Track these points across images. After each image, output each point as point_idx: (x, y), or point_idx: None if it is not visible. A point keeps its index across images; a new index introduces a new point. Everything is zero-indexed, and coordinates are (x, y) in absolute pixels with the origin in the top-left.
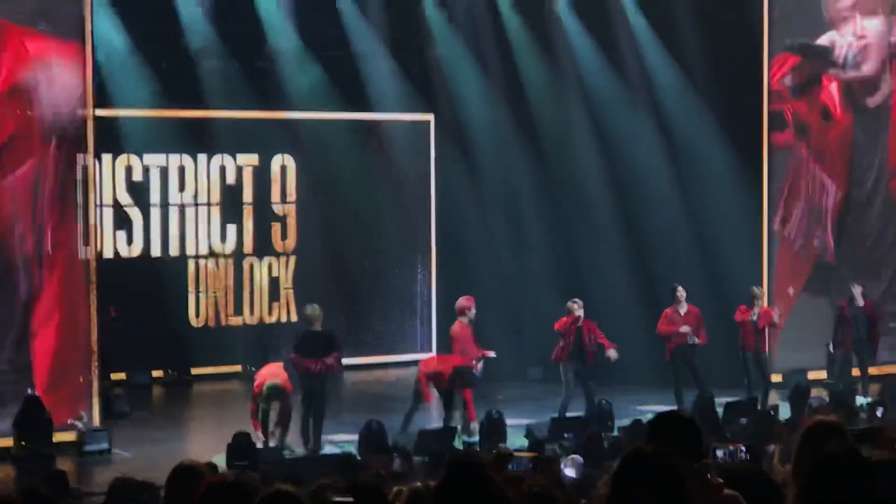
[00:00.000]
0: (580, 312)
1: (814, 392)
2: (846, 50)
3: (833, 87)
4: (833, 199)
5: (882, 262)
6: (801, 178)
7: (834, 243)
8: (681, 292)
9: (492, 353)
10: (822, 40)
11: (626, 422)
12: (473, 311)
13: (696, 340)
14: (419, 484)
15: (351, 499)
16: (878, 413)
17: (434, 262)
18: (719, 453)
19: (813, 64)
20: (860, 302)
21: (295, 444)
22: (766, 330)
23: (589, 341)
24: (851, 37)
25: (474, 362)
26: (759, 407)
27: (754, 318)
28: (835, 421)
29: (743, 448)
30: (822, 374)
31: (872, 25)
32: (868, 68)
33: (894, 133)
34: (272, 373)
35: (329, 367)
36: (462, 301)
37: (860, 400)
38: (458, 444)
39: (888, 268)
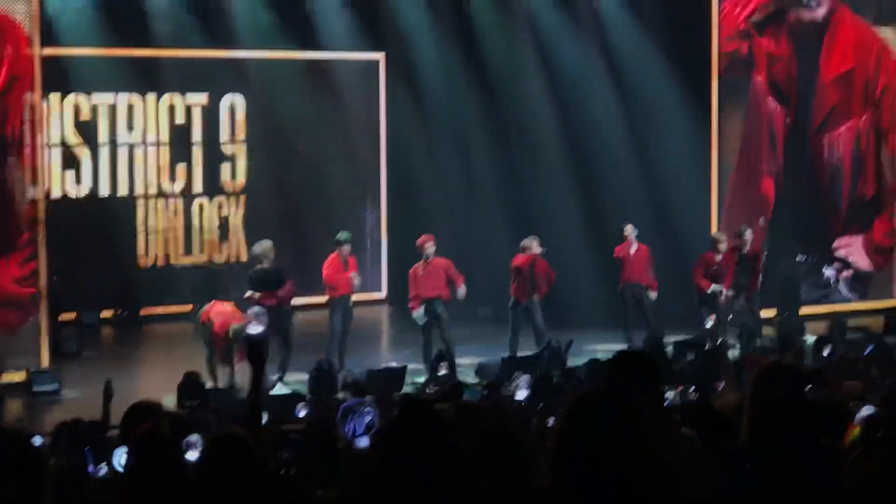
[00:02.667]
0: (539, 249)
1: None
2: None
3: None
4: (783, 126)
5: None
6: (760, 107)
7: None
8: (629, 230)
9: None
10: None
11: (576, 360)
12: (428, 248)
13: (653, 295)
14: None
15: (301, 426)
16: (825, 353)
17: (384, 202)
18: (669, 395)
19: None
20: (748, 246)
21: (244, 383)
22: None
23: (546, 277)
24: None
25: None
26: (708, 346)
27: (717, 268)
28: (788, 363)
29: (692, 388)
30: (772, 313)
31: None
32: (821, 13)
33: (821, 83)
34: (230, 314)
35: (283, 298)
36: (418, 240)
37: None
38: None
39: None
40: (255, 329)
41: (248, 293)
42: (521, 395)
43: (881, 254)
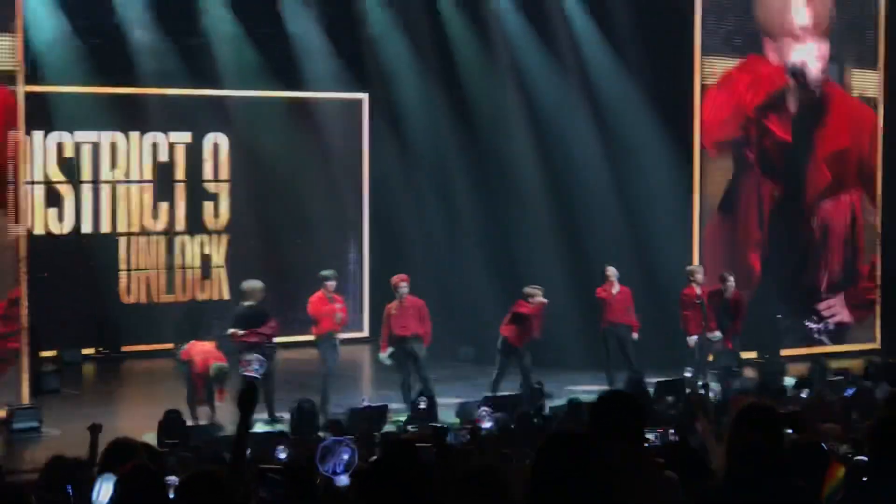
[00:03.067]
0: (543, 300)
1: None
2: (815, 71)
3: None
4: (770, 199)
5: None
6: (750, 182)
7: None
8: (610, 272)
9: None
10: (796, 60)
11: (557, 402)
12: (402, 288)
13: (636, 335)
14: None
15: (279, 467)
16: (804, 394)
17: (366, 241)
18: (650, 436)
19: (792, 87)
20: (730, 292)
21: (225, 422)
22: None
23: (541, 325)
24: (816, 58)
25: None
26: (687, 387)
27: (700, 301)
28: (767, 404)
29: (672, 430)
30: (752, 354)
31: (826, 48)
32: (818, 91)
33: (814, 160)
34: (210, 353)
35: (266, 336)
36: (392, 279)
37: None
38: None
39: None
40: (250, 374)
41: (231, 330)
42: (486, 425)
43: (863, 308)
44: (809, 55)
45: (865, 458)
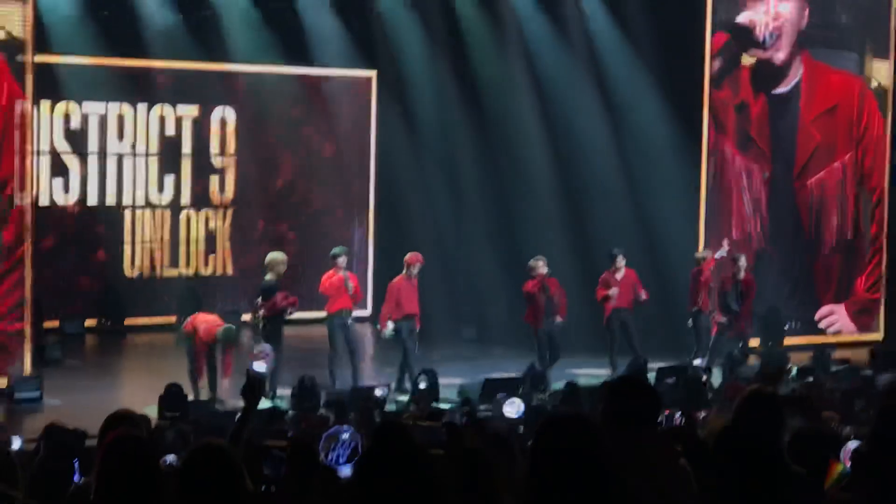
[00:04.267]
0: (545, 269)
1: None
2: (764, 30)
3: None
4: (759, 184)
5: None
6: (730, 176)
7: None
8: (620, 259)
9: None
10: (742, 19)
11: (559, 385)
12: (414, 268)
13: (643, 297)
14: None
15: (284, 443)
16: (809, 380)
17: (371, 219)
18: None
19: (736, 45)
20: (742, 273)
21: (226, 397)
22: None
23: (557, 296)
24: (766, 16)
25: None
26: (690, 372)
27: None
28: (770, 391)
29: (679, 413)
30: (756, 342)
31: (785, 8)
32: (781, 55)
33: (803, 124)
34: (214, 322)
35: (277, 310)
36: (408, 256)
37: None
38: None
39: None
40: (260, 367)
41: (259, 300)
42: (513, 412)
43: (865, 314)
44: (760, 15)
45: (857, 443)
